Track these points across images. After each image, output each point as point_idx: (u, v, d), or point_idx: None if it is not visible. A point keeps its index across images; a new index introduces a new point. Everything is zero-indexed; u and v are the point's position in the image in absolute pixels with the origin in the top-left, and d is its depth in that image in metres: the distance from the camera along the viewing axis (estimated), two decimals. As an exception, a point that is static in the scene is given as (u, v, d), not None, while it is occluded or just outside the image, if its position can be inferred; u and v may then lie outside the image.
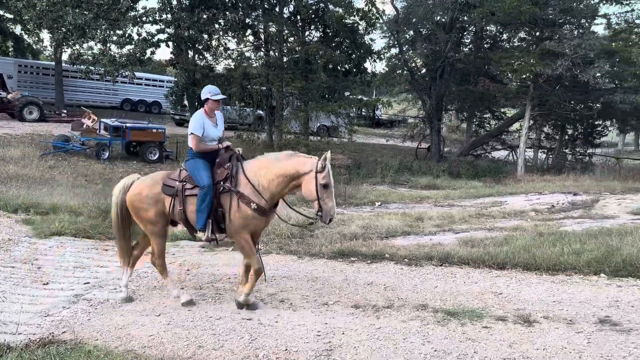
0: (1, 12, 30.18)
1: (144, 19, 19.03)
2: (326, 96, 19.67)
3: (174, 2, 18.98)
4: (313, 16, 19.63)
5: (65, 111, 25.26)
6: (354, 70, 20.65)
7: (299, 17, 19.73)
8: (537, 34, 20.09)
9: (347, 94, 20.35)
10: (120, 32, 18.97)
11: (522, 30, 21.38)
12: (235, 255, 7.37)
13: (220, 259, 7.28)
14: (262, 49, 20.55)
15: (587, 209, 11.28)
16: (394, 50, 23.98)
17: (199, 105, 19.70)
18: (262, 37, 20.20)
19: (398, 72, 24.66)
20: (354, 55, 20.38)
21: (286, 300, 5.50)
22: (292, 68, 18.86)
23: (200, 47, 20.08)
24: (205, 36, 19.73)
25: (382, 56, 21.99)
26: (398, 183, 17.20)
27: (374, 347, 4.54)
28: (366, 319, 5.17)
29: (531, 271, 6.81)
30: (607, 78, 22.05)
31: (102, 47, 19.18)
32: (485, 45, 24.51)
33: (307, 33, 20.23)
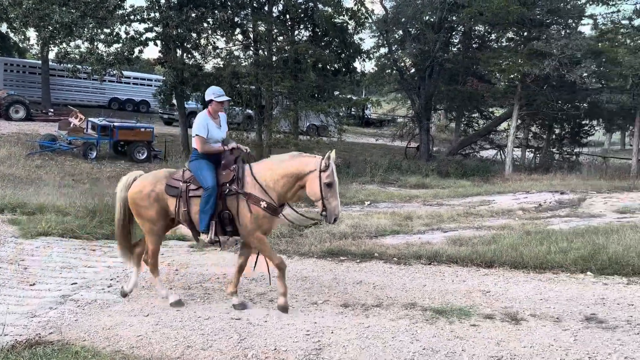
0: (-13, 11, 29.80)
1: (132, 17, 18.85)
2: (315, 95, 19.63)
3: (162, 0, 18.84)
4: (302, 15, 19.59)
5: (52, 110, 25.01)
6: (344, 69, 20.64)
7: (288, 16, 19.69)
8: (525, 34, 20.27)
9: (336, 93, 20.33)
10: (107, 31, 18.77)
11: (510, 30, 21.57)
12: (224, 255, 7.37)
13: (208, 259, 7.26)
14: (251, 48, 20.45)
15: (574, 208, 11.42)
16: (383, 50, 24.12)
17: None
18: (251, 36, 20.10)
19: (387, 71, 24.81)
20: (344, 55, 20.38)
21: (275, 300, 5.49)
22: (281, 67, 18.80)
23: (189, 45, 19.93)
24: (194, 35, 19.59)
25: (371, 56, 21.99)
26: (387, 182, 17.27)
27: (363, 345, 4.55)
28: (355, 318, 5.19)
29: (519, 269, 6.88)
30: (594, 78, 22.33)
31: (90, 46, 18.98)
32: (473, 45, 24.68)
33: (296, 32, 20.18)
